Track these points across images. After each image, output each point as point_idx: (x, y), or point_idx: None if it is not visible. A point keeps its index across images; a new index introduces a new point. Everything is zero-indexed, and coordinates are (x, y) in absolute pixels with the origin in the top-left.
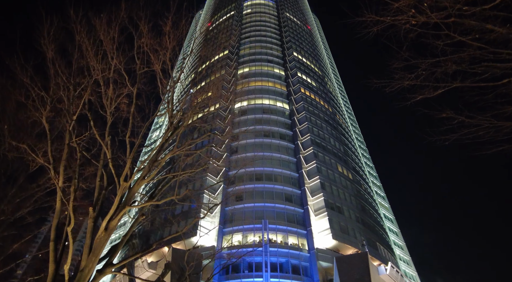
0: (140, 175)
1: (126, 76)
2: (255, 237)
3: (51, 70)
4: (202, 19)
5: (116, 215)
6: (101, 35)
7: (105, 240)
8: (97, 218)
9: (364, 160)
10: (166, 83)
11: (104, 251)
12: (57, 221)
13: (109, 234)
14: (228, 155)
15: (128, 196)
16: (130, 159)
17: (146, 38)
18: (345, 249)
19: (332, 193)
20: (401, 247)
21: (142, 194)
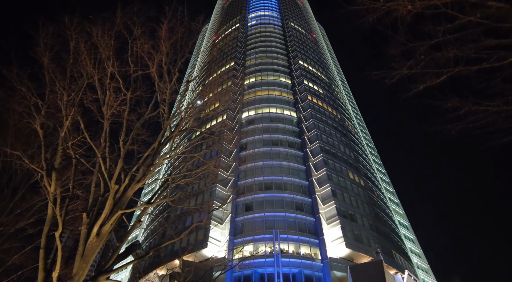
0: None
1: (121, 80)
2: (266, 247)
3: (46, 78)
4: (208, 33)
5: (108, 220)
6: (96, 42)
7: (97, 246)
8: (93, 224)
9: (375, 166)
10: (163, 87)
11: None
12: (48, 228)
13: (101, 240)
14: (236, 165)
15: (122, 200)
16: (122, 159)
17: (139, 42)
18: (359, 258)
19: (344, 201)
20: (419, 255)
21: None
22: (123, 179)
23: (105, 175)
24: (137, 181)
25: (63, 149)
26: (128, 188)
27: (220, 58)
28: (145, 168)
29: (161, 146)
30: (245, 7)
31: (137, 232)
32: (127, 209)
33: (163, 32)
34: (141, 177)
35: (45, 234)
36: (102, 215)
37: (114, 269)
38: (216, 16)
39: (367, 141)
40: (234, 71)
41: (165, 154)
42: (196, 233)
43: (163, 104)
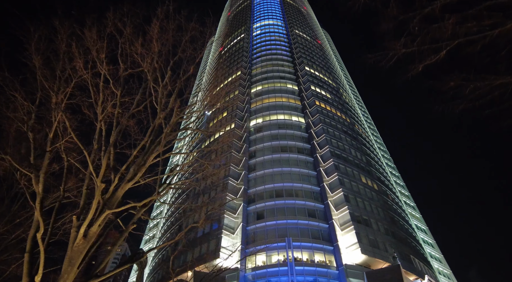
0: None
1: (111, 80)
2: (280, 256)
3: (38, 81)
4: (214, 45)
5: (96, 220)
6: (89, 45)
7: (84, 248)
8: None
9: (389, 169)
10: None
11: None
12: (34, 231)
13: (88, 241)
14: (246, 173)
15: (111, 200)
16: (107, 157)
17: (127, 41)
18: (376, 264)
19: (357, 206)
20: (439, 260)
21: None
22: (113, 179)
23: (93, 175)
24: (127, 180)
25: (57, 153)
26: (118, 188)
27: (226, 69)
28: (136, 168)
29: (153, 145)
30: (249, 17)
31: (150, 245)
32: (116, 209)
33: (154, 31)
34: (132, 176)
35: (30, 237)
36: (89, 216)
37: (105, 274)
38: (222, 28)
39: (378, 144)
40: (241, 80)
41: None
42: (208, 244)
43: (152, 101)
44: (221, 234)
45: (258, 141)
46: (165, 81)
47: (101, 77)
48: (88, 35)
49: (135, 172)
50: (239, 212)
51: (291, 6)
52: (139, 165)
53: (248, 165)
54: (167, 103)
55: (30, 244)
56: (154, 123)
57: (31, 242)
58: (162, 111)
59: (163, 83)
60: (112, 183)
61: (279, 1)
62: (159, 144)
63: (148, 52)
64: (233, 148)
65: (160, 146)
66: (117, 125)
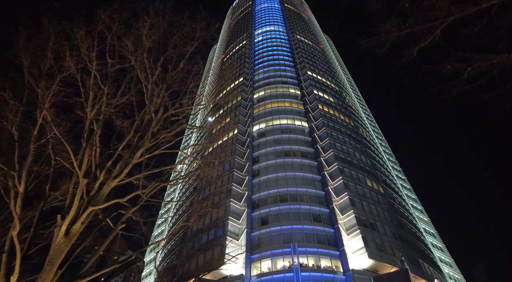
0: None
1: (98, 76)
2: (285, 262)
3: (25, 80)
4: (217, 52)
5: (78, 218)
6: (79, 44)
7: (65, 247)
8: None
9: (395, 172)
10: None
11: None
12: (16, 231)
13: (70, 240)
14: (250, 179)
15: (96, 198)
16: (88, 152)
17: (115, 36)
18: (383, 269)
19: (363, 209)
20: (450, 264)
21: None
22: (98, 176)
23: (77, 171)
24: (113, 177)
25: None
26: (104, 185)
27: (229, 75)
28: (122, 164)
29: (141, 141)
30: (251, 24)
31: (155, 254)
32: (99, 206)
33: (145, 28)
34: (118, 173)
35: (9, 237)
36: (71, 213)
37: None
38: (224, 36)
39: (383, 147)
40: (243, 86)
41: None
42: (212, 250)
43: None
44: (225, 240)
45: (261, 146)
46: (154, 77)
47: (92, 76)
48: (78, 34)
49: (122, 169)
50: (243, 218)
51: (292, 12)
52: (126, 161)
53: (251, 171)
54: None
55: (9, 244)
56: (140, 115)
57: (10, 242)
58: (150, 105)
59: (153, 79)
60: (97, 180)
61: (280, 7)
62: (150, 141)
63: (138, 48)
64: (236, 153)
65: (147, 142)
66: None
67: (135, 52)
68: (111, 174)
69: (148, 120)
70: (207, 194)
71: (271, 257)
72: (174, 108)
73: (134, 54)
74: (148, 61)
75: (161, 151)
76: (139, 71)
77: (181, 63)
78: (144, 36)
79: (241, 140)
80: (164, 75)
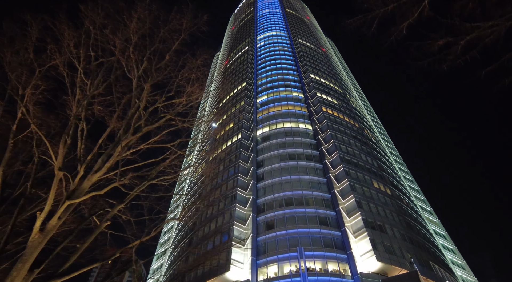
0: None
1: (81, 70)
2: (292, 266)
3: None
4: (220, 59)
5: (56, 212)
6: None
7: (39, 243)
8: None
9: (402, 174)
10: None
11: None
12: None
13: (45, 236)
14: (254, 183)
15: (76, 192)
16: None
17: (98, 31)
18: (392, 271)
19: (370, 211)
20: (462, 267)
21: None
22: (79, 170)
23: (54, 163)
24: (94, 171)
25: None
26: (85, 180)
27: (232, 81)
28: (104, 158)
29: (125, 135)
30: (253, 30)
31: (162, 261)
32: (76, 200)
33: (132, 22)
34: (100, 167)
35: None
36: (46, 207)
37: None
38: (226, 42)
39: (390, 148)
40: (246, 91)
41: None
42: (218, 256)
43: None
44: (231, 246)
45: (265, 150)
46: (140, 71)
47: (79, 72)
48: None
49: (104, 163)
50: (248, 223)
51: (294, 17)
52: (108, 155)
53: (256, 175)
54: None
55: None
56: (121, 106)
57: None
58: (135, 99)
59: (139, 73)
60: (78, 174)
61: (281, 12)
62: (133, 134)
63: (124, 42)
64: (240, 158)
65: (129, 134)
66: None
67: (121, 46)
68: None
69: (132, 113)
70: (212, 200)
71: (277, 261)
72: (160, 102)
73: (118, 47)
74: (134, 55)
75: (146, 146)
76: (124, 64)
77: (167, 55)
78: (131, 30)
79: (245, 144)
80: (151, 68)
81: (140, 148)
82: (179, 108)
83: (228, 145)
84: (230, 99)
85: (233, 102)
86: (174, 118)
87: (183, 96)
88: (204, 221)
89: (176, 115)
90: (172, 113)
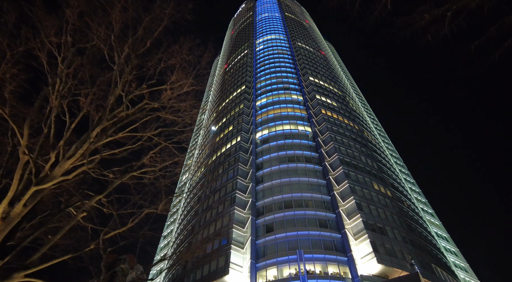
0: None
1: (57, 55)
2: (291, 269)
3: None
4: (220, 63)
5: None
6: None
7: (1, 231)
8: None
9: (403, 176)
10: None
11: None
12: None
13: (8, 224)
14: (253, 186)
15: (46, 179)
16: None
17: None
18: (394, 274)
19: (371, 213)
20: (465, 270)
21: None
22: (51, 156)
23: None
24: (67, 158)
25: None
26: (57, 166)
27: (231, 84)
28: (79, 144)
29: (101, 121)
30: (252, 34)
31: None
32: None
33: (115, 11)
34: (72, 154)
35: None
36: (9, 193)
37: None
38: (226, 47)
39: (390, 151)
40: (246, 94)
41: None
42: (217, 260)
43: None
44: (230, 249)
45: (264, 153)
46: (122, 59)
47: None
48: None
49: (77, 149)
50: (247, 225)
51: (293, 21)
52: (82, 141)
53: (255, 177)
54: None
55: None
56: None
57: None
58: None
59: (120, 61)
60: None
61: (280, 16)
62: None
63: (104, 29)
64: (239, 161)
65: (104, 120)
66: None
67: (103, 34)
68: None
69: (110, 101)
70: (211, 203)
71: (277, 265)
72: (141, 90)
73: (100, 34)
74: (115, 43)
75: (125, 134)
76: (106, 53)
77: (148, 42)
78: (114, 19)
79: (244, 147)
80: (131, 55)
81: (119, 136)
82: (164, 99)
83: (227, 148)
84: (230, 102)
85: (233, 105)
86: (158, 107)
87: (167, 85)
88: (203, 225)
89: (167, 111)
90: (154, 103)
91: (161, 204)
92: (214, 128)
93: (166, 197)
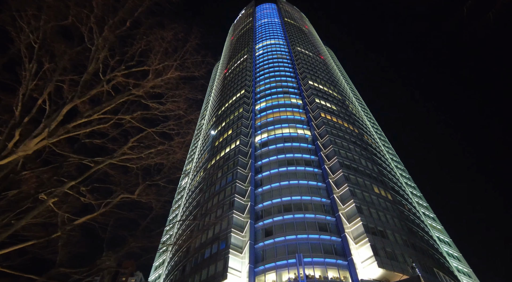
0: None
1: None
2: (290, 274)
3: None
4: (220, 68)
5: None
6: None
7: None
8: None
9: (403, 180)
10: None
11: None
12: None
13: None
14: (252, 189)
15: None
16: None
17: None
18: (395, 278)
19: (371, 217)
20: (468, 275)
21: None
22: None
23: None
24: (33, 136)
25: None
26: (21, 145)
27: (231, 89)
28: (47, 122)
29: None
30: (252, 39)
31: (160, 271)
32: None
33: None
34: (40, 132)
35: None
36: None
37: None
38: (226, 52)
39: (391, 154)
40: (245, 98)
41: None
42: (216, 264)
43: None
44: (228, 253)
45: (264, 156)
46: (100, 39)
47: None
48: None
49: (45, 127)
50: (246, 229)
51: (292, 26)
52: (52, 119)
53: (254, 181)
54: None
55: None
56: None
57: None
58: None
59: (98, 41)
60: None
61: (280, 22)
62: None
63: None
64: (239, 164)
65: (76, 97)
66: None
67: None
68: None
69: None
70: (210, 207)
71: (275, 269)
72: (120, 70)
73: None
74: (95, 25)
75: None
76: (86, 35)
77: (127, 22)
78: (94, 2)
79: (244, 151)
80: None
81: (94, 117)
82: (147, 83)
83: (226, 152)
84: (229, 106)
85: (232, 109)
86: (141, 93)
87: (149, 67)
88: (202, 229)
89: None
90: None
91: (138, 190)
92: (214, 132)
93: (143, 182)
